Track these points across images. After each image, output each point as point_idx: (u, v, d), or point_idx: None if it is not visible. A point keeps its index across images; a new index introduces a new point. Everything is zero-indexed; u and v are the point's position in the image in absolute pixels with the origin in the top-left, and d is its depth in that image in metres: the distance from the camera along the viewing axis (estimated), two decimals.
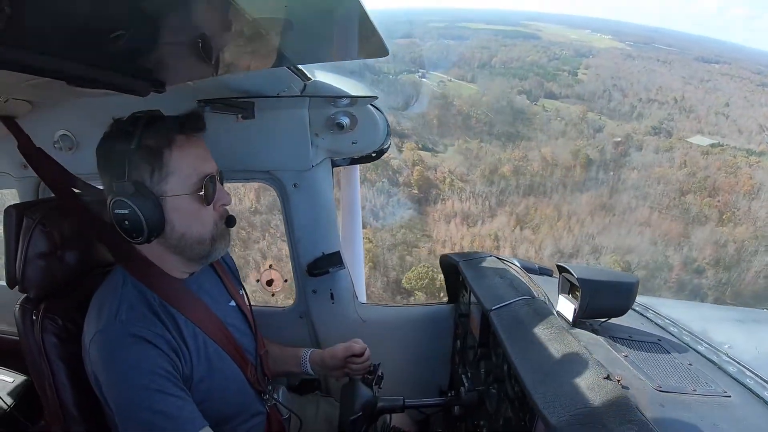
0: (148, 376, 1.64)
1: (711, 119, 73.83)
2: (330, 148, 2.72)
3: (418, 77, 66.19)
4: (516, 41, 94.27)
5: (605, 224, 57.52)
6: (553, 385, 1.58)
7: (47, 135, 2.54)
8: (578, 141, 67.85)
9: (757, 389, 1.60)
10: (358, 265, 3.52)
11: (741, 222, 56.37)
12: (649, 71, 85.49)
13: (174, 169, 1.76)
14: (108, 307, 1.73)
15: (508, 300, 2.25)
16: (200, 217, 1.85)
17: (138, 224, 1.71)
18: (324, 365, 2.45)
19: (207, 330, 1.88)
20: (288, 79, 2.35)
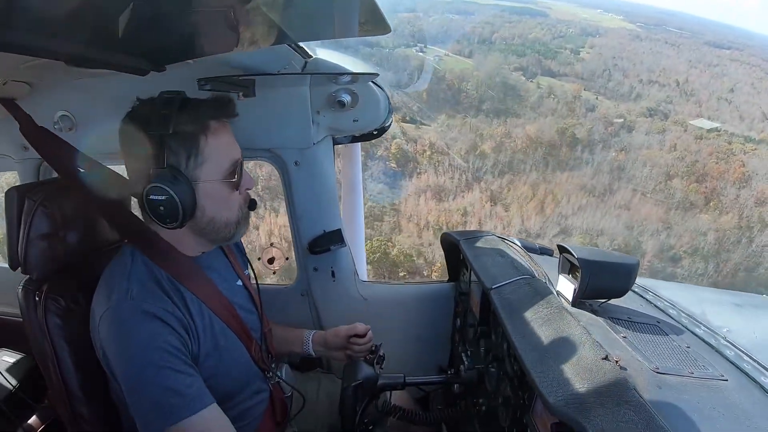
0: (158, 352, 1.66)
1: (712, 104, 73.04)
2: (331, 125, 2.71)
3: (416, 51, 65.60)
4: (522, 18, 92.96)
5: (581, 205, 56.72)
6: (552, 365, 1.59)
7: (47, 116, 2.52)
8: (567, 119, 67.23)
9: (755, 374, 1.61)
10: (359, 243, 3.53)
11: (726, 210, 55.84)
12: (655, 53, 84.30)
13: (208, 155, 1.78)
14: (118, 285, 1.74)
15: (509, 279, 2.25)
16: (229, 201, 1.88)
17: (174, 210, 1.72)
18: (327, 345, 2.48)
19: (213, 307, 1.90)
20: (289, 56, 2.34)
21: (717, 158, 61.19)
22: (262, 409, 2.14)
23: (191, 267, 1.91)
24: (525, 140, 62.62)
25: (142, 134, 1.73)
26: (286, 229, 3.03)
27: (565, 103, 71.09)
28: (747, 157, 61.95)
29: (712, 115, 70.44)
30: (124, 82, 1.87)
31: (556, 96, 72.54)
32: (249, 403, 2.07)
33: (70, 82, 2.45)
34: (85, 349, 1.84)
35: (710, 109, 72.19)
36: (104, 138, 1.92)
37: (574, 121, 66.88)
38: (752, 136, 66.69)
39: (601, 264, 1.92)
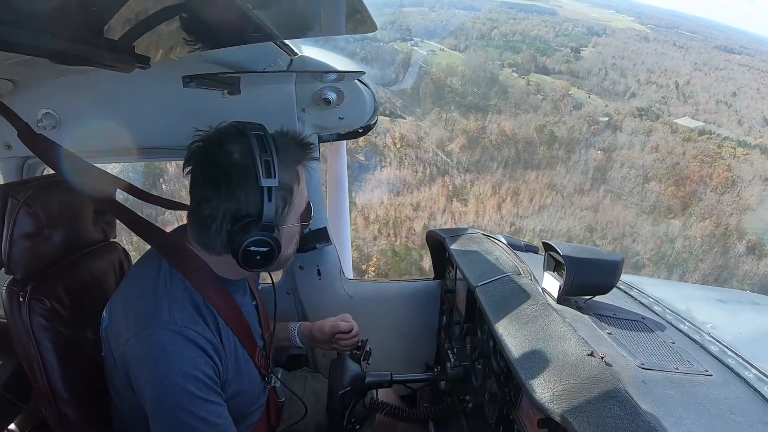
0: (195, 382, 1.64)
1: (710, 106, 71.73)
2: (317, 123, 2.70)
3: (410, 45, 65.39)
4: (528, 15, 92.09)
5: (544, 204, 55.51)
6: (538, 361, 1.59)
7: (31, 114, 2.48)
8: (549, 117, 66.32)
9: (739, 369, 1.63)
10: (345, 241, 3.53)
11: (704, 216, 54.55)
12: (659, 54, 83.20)
13: (296, 203, 1.80)
14: (157, 305, 1.69)
15: (494, 276, 2.26)
16: (297, 237, 1.91)
17: (270, 258, 1.72)
18: (312, 338, 2.48)
19: (236, 330, 1.88)
20: (274, 54, 2.33)
21: (701, 161, 60.03)
22: (260, 414, 2.15)
23: (223, 291, 1.86)
24: (499, 136, 61.28)
25: (241, 178, 1.66)
26: None
27: (551, 100, 70.18)
28: (736, 161, 60.84)
29: (707, 117, 69.22)
30: (109, 80, 1.86)
31: (543, 93, 71.70)
32: (252, 412, 2.09)
33: (55, 79, 2.43)
34: (70, 349, 1.83)
35: (707, 112, 70.91)
36: (89, 136, 1.91)
37: (554, 118, 65.84)
38: (747, 141, 65.47)
39: (587, 261, 1.93)
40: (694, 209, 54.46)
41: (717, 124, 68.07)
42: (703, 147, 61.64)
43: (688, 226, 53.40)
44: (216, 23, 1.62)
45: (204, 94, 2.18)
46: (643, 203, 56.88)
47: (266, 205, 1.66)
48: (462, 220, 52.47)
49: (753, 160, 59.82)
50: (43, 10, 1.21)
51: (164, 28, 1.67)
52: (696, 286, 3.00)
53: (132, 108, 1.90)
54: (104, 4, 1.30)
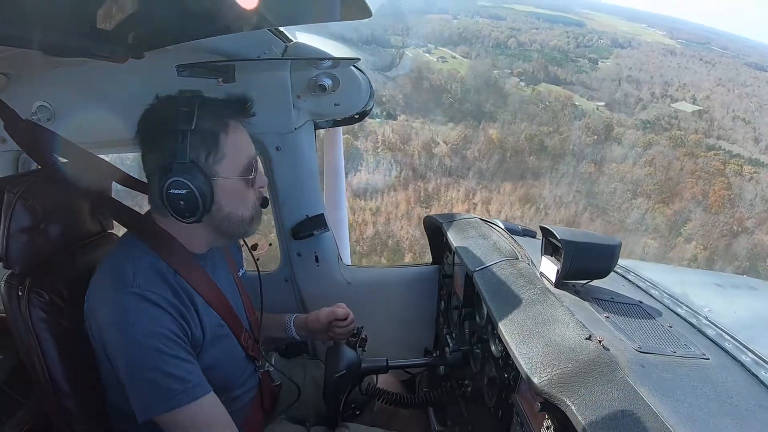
0: (161, 339, 1.67)
1: (726, 122, 68.55)
2: (312, 110, 2.70)
3: (423, 51, 65.01)
4: (553, 26, 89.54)
5: (512, 216, 51.38)
6: (536, 345, 1.60)
7: (25, 107, 2.47)
8: (543, 127, 64.21)
9: (735, 352, 1.64)
10: (342, 228, 3.53)
11: (690, 237, 51.60)
12: (682, 68, 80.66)
13: (227, 152, 1.80)
14: (122, 272, 1.74)
15: (492, 261, 2.27)
16: (245, 198, 1.90)
17: (194, 204, 1.74)
18: (308, 329, 2.49)
19: (212, 302, 1.92)
20: (269, 41, 2.32)
21: (698, 178, 56.75)
22: (250, 397, 2.16)
23: (192, 263, 1.91)
24: (485, 144, 59.29)
25: (163, 130, 1.75)
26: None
27: (551, 110, 68.13)
28: (740, 179, 56.94)
29: (721, 133, 66.24)
30: (103, 71, 1.85)
31: (544, 102, 69.75)
32: (239, 392, 2.09)
33: (48, 71, 2.41)
34: (70, 342, 1.83)
35: (721, 128, 67.52)
36: (84, 128, 1.90)
37: (548, 128, 63.70)
38: (761, 160, 61.67)
39: (584, 245, 1.93)
40: (683, 229, 52.30)
41: (731, 140, 65.33)
42: (704, 163, 59.14)
43: (670, 246, 51.15)
44: (209, 11, 1.61)
45: (199, 83, 2.17)
46: (626, 220, 54.55)
47: (178, 146, 1.71)
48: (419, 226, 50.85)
49: (760, 179, 56.86)
50: (35, 2, 1.20)
51: (158, 18, 1.66)
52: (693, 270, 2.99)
53: (127, 99, 1.89)
54: None
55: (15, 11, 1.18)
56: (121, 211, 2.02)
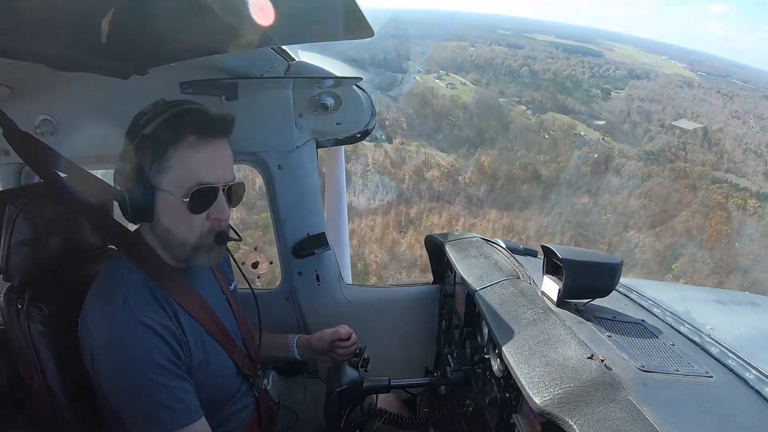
0: (154, 367, 1.66)
1: (737, 155, 65.84)
2: (314, 128, 2.71)
3: (433, 78, 65.30)
4: (571, 56, 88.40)
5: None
6: (538, 365, 1.59)
7: (29, 120, 2.49)
8: (540, 155, 62.56)
9: (739, 370, 1.63)
10: (343, 247, 3.52)
11: (677, 275, 47.92)
12: (698, 100, 78.56)
13: (173, 166, 1.73)
14: (115, 294, 1.72)
15: (494, 281, 2.26)
16: (187, 221, 1.80)
17: (123, 203, 1.74)
18: (311, 349, 2.47)
19: (201, 320, 1.89)
20: (272, 59, 2.34)
21: (694, 212, 53.97)
22: (247, 414, 2.13)
23: (179, 280, 1.89)
24: (478, 170, 57.30)
25: (129, 134, 1.76)
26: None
27: (552, 139, 66.24)
28: (742, 214, 54.02)
29: (730, 166, 63.33)
30: (106, 86, 1.86)
31: (547, 131, 67.96)
32: (234, 408, 2.08)
33: (53, 85, 2.43)
34: (68, 355, 1.82)
35: (732, 160, 64.53)
36: (87, 142, 1.91)
37: (545, 157, 61.86)
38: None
39: (585, 264, 1.93)
40: (674, 265, 49.28)
41: (740, 174, 62.63)
42: (704, 196, 56.63)
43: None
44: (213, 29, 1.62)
45: (202, 100, 2.18)
46: (614, 253, 50.44)
47: (129, 148, 1.74)
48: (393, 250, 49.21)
49: (765, 213, 54.39)
50: (41, 16, 1.21)
51: (162, 35, 1.67)
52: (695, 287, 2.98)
53: (130, 114, 1.90)
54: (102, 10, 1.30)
55: (21, 24, 1.19)
56: (111, 228, 2.00)
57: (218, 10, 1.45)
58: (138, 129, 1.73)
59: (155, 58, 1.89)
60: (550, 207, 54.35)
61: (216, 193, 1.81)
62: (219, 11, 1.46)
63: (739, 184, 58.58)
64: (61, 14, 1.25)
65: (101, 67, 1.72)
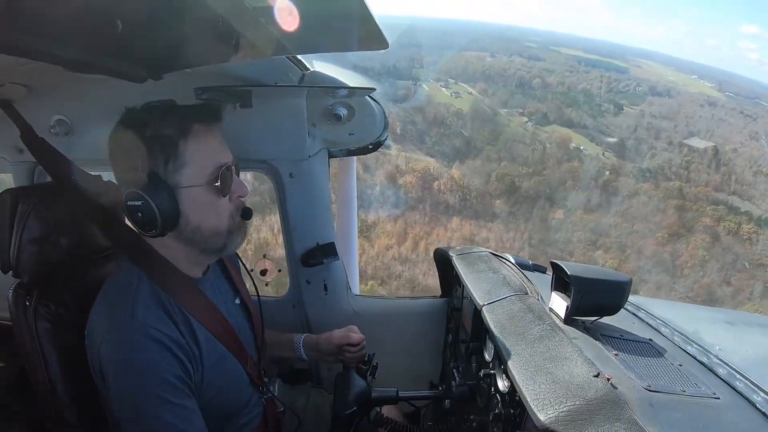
0: (161, 384, 1.64)
1: (745, 177, 62.55)
2: (327, 138, 2.72)
3: (440, 86, 65.25)
4: (591, 70, 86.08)
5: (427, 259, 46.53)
6: (543, 382, 1.58)
7: (44, 120, 2.52)
8: (523, 167, 60.31)
9: (747, 392, 1.61)
10: (352, 257, 3.53)
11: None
12: (717, 120, 75.38)
13: (189, 159, 1.73)
14: (123, 305, 1.70)
15: (501, 296, 2.25)
16: (216, 208, 1.81)
17: (152, 216, 1.67)
18: (318, 350, 2.47)
19: (216, 333, 1.87)
20: (286, 68, 2.35)
21: (671, 234, 50.67)
22: (255, 423, 2.13)
23: (193, 290, 1.87)
24: (447, 181, 54.63)
25: (124, 141, 1.71)
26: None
27: (541, 151, 64.29)
28: (732, 238, 50.36)
29: (736, 188, 60.18)
30: (121, 89, 1.87)
31: (542, 144, 66.00)
32: (244, 420, 2.07)
33: (68, 86, 2.45)
34: (74, 355, 1.83)
35: (737, 182, 61.24)
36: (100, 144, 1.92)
37: (527, 170, 59.50)
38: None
39: (594, 281, 1.92)
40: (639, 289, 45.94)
41: (746, 196, 59.37)
42: (691, 217, 53.37)
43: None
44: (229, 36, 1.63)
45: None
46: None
47: (135, 155, 1.69)
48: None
49: (760, 239, 50.78)
50: (57, 18, 1.22)
51: (178, 40, 1.68)
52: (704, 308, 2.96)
53: None
54: (119, 14, 1.31)
55: (40, 26, 1.21)
56: (120, 233, 1.98)
57: (234, 18, 1.46)
58: (133, 137, 1.69)
59: (171, 64, 1.90)
60: (518, 220, 52.83)
61: (232, 171, 1.84)
62: (235, 19, 1.47)
63: (741, 208, 55.98)
64: (80, 17, 1.27)
65: (117, 71, 1.73)
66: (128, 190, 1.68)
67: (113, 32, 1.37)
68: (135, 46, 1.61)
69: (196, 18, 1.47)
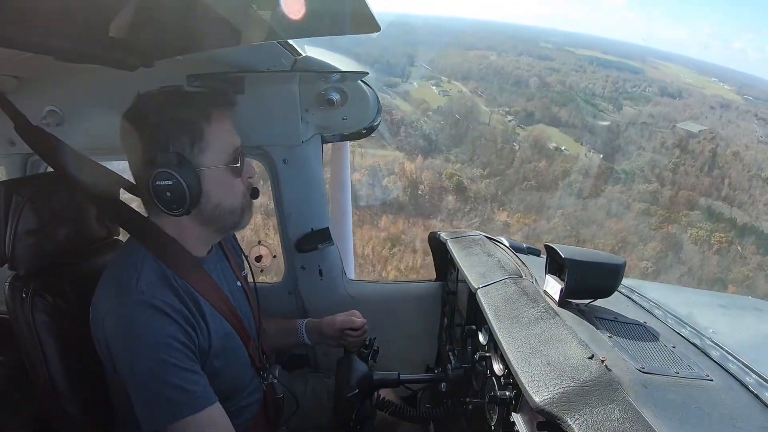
0: (166, 348, 1.67)
1: (741, 182, 58.61)
2: (320, 124, 2.71)
3: (431, 84, 64.63)
4: (601, 69, 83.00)
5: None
6: (538, 364, 1.59)
7: (35, 111, 2.49)
8: (476, 168, 57.72)
9: (740, 374, 1.62)
10: (346, 242, 3.53)
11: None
12: (724, 122, 72.44)
13: (211, 141, 1.81)
14: (127, 279, 1.73)
15: (496, 279, 2.26)
16: (233, 188, 1.91)
17: (182, 195, 1.74)
18: (320, 334, 2.50)
19: (221, 309, 1.92)
20: (278, 54, 2.34)
21: (620, 242, 46.45)
22: (255, 408, 2.15)
23: (198, 269, 1.92)
24: (400, 175, 52.63)
25: (144, 125, 1.77)
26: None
27: (510, 150, 61.50)
28: (695, 248, 47.01)
29: (727, 193, 56.51)
30: (113, 78, 1.87)
31: (519, 143, 63.35)
32: (245, 402, 2.09)
33: (59, 76, 2.44)
34: (73, 346, 1.84)
35: (731, 187, 57.49)
36: (93, 133, 1.92)
37: (481, 171, 56.61)
38: (756, 227, 50.70)
39: (588, 264, 1.92)
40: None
41: (736, 203, 55.71)
42: (654, 223, 49.66)
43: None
44: (220, 22, 1.62)
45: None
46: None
47: (161, 138, 1.75)
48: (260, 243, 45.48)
49: (731, 249, 47.19)
50: (48, 8, 1.21)
51: (168, 27, 1.67)
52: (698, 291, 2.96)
53: None
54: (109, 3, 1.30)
55: (29, 16, 1.20)
56: (125, 215, 2.02)
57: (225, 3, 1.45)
58: (156, 121, 1.76)
59: (162, 51, 1.89)
60: (452, 218, 50.64)
61: (243, 154, 1.95)
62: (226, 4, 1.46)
63: (724, 214, 52.49)
64: (69, 6, 1.26)
65: (108, 59, 1.73)
66: (158, 169, 1.72)
67: (104, 21, 1.37)
68: (126, 35, 1.60)
69: (187, 4, 1.47)
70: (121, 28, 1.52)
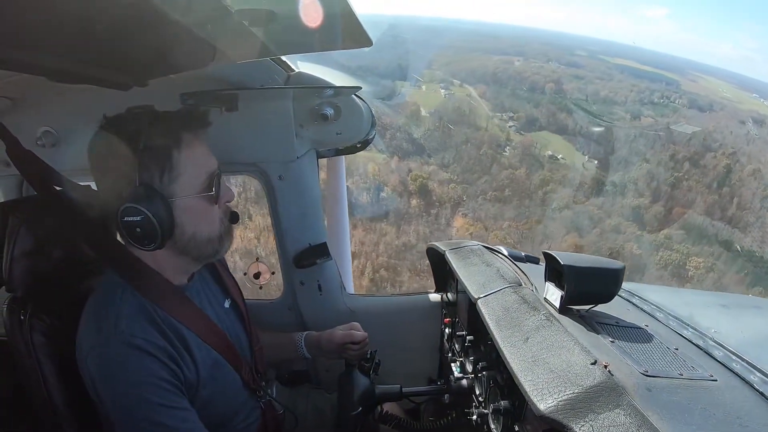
0: (149, 388, 1.64)
1: (753, 202, 52.69)
2: (314, 138, 2.72)
3: (440, 87, 64.68)
4: (631, 78, 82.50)
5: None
6: (541, 372, 1.58)
7: (30, 132, 2.50)
8: (446, 172, 55.27)
9: (744, 373, 1.62)
10: (345, 256, 3.53)
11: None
12: (748, 138, 64.69)
13: (182, 170, 1.73)
14: (106, 317, 1.69)
15: (496, 288, 2.25)
16: (209, 216, 1.83)
17: (152, 230, 1.67)
18: (320, 348, 2.48)
19: (207, 339, 1.87)
20: (271, 70, 2.35)
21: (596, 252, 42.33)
22: (254, 428, 2.13)
23: (180, 298, 1.87)
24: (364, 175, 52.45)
25: (112, 152, 1.68)
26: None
27: (492, 157, 58.35)
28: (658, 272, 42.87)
29: (735, 214, 51.38)
30: (107, 98, 1.87)
31: (513, 149, 60.72)
32: (242, 425, 2.07)
33: (54, 97, 2.44)
34: (70, 367, 1.82)
35: (740, 207, 52.05)
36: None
37: (449, 176, 54.33)
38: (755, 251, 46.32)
39: (587, 270, 1.92)
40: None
41: (741, 224, 50.73)
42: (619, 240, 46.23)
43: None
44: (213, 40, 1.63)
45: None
46: (428, 285, 42.12)
47: (127, 168, 1.67)
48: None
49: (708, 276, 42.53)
50: (41, 29, 1.22)
51: (161, 47, 1.68)
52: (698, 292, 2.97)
53: None
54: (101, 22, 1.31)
55: (22, 37, 1.20)
56: (105, 244, 1.93)
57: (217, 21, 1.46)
58: (123, 149, 1.66)
59: (155, 70, 1.90)
60: (403, 224, 48.02)
61: (219, 178, 1.85)
62: (218, 23, 1.47)
63: (718, 235, 48.30)
64: (62, 27, 1.26)
65: (102, 80, 1.73)
66: (125, 205, 1.65)
67: (96, 41, 1.37)
68: (119, 54, 1.60)
69: (179, 23, 1.47)
70: (113, 49, 1.53)
